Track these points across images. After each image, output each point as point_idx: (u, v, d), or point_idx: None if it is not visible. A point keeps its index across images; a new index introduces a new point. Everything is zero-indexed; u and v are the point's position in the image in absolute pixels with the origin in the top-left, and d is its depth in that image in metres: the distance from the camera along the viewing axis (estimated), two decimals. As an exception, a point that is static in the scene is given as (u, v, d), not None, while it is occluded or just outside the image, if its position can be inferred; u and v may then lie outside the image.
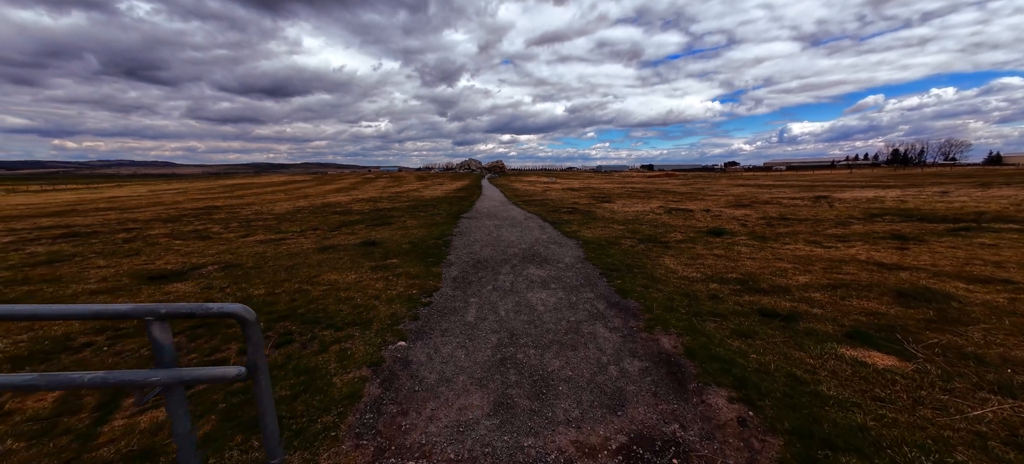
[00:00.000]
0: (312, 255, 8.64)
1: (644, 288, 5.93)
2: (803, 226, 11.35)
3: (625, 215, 15.33)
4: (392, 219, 15.38)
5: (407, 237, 10.96)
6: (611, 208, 18.31)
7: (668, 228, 11.71)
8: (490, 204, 22.22)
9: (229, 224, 14.78)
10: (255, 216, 17.33)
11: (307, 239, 11.06)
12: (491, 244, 9.87)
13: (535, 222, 14.01)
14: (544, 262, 7.85)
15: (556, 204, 20.94)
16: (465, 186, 44.85)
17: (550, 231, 11.88)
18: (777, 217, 13.47)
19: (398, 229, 12.73)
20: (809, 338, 4.10)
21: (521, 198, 26.01)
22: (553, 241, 10.16)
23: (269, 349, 4.12)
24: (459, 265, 7.69)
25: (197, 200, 28.80)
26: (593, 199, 23.82)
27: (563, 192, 31.67)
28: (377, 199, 27.15)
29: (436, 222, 14.31)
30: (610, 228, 12.08)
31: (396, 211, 18.73)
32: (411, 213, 17.66)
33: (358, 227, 13.42)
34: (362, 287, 6.11)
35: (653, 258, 7.80)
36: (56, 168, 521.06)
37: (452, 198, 27.13)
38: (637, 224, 12.77)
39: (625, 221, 13.62)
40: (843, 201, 18.33)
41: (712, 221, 13.02)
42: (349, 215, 17.26)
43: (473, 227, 12.95)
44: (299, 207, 21.71)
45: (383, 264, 7.64)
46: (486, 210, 18.75)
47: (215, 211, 20.08)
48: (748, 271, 6.58)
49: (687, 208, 17.39)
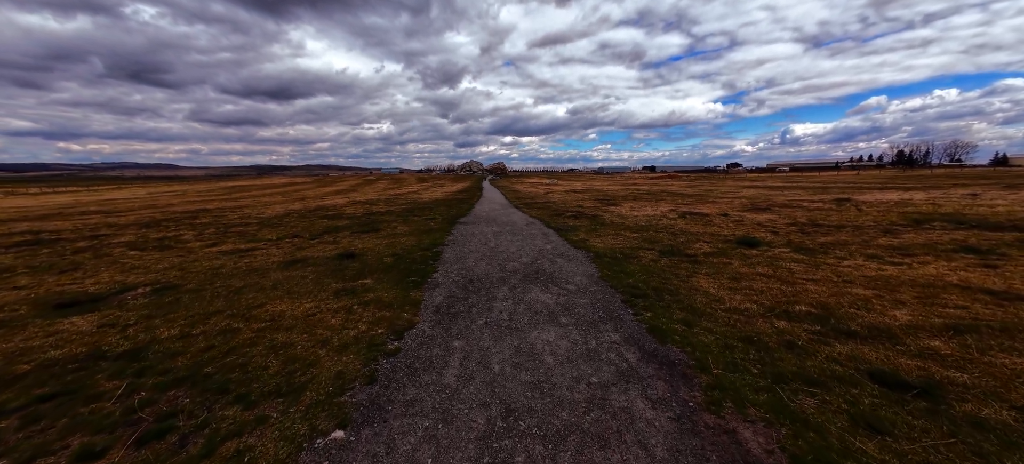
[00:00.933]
0: (273, 272, 7.10)
1: (686, 326, 4.35)
2: (845, 235, 9.74)
3: (636, 220, 13.74)
4: (382, 225, 13.84)
5: (393, 247, 9.42)
6: (619, 212, 16.73)
7: (690, 237, 10.11)
8: (490, 207, 20.66)
9: (205, 231, 13.27)
10: (239, 221, 15.83)
11: (280, 249, 9.53)
12: (488, 256, 8.31)
13: (538, 228, 12.44)
14: (550, 282, 6.29)
15: (559, 207, 19.38)
16: (465, 188, 43.35)
17: (555, 240, 10.31)
18: (808, 223, 11.86)
19: (385, 237, 11.19)
20: (987, 438, 2.52)
21: (523, 201, 24.45)
22: (559, 253, 8.60)
23: (124, 448, 2.57)
24: (446, 286, 6.14)
25: (191, 203, 27.37)
26: (598, 202, 22.24)
27: (566, 194, 30.10)
28: (373, 202, 25.65)
29: (429, 229, 12.76)
30: (622, 236, 10.50)
31: (389, 215, 17.20)
32: (404, 218, 16.12)
33: (342, 234, 11.89)
34: (312, 324, 4.55)
35: (684, 278, 6.22)
36: (61, 170, 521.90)
37: (450, 201, 25.60)
38: (652, 231, 11.18)
39: (637, 228, 12.04)
40: (869, 204, 16.69)
41: (736, 228, 11.42)
42: (338, 220, 15.74)
43: (469, 235, 11.40)
44: (290, 211, 20.22)
45: (353, 286, 6.09)
46: (485, 214, 17.19)
47: (203, 215, 18.61)
48: (817, 300, 4.99)
49: (701, 212, 15.79)
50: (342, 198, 30.33)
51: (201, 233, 12.87)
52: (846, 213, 14.10)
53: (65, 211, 23.39)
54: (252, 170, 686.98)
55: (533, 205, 20.91)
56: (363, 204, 24.06)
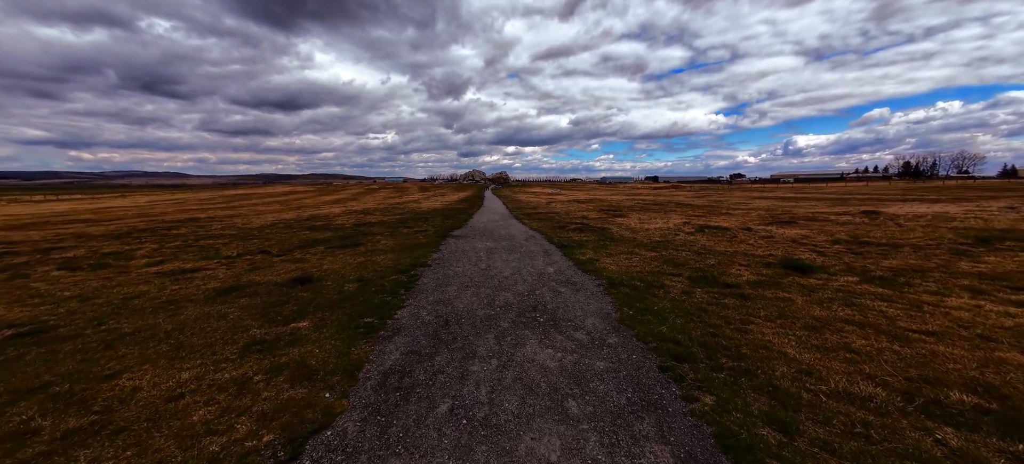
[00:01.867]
0: (190, 307, 5.36)
1: (783, 434, 2.54)
2: (910, 257, 7.88)
3: (648, 235, 11.93)
4: (365, 238, 12.12)
5: (363, 269, 7.66)
6: (627, 224, 14.93)
7: (720, 258, 8.29)
8: (488, 218, 18.93)
9: (168, 245, 11.61)
10: (217, 233, 14.18)
11: (229, 270, 7.81)
12: (475, 283, 6.53)
13: (538, 244, 10.66)
14: (552, 326, 4.50)
15: (562, 218, 17.61)
16: (466, 197, 41.71)
17: (558, 259, 8.52)
18: (852, 240, 10.00)
19: (362, 254, 9.45)
20: None
21: (523, 211, 22.71)
22: (564, 279, 6.80)
23: None
24: (410, 333, 4.36)
25: (185, 212, 25.87)
26: (603, 213, 20.45)
27: (569, 205, 28.34)
28: (369, 211, 24.01)
29: (415, 244, 11.01)
30: (637, 256, 8.69)
31: (379, 227, 15.50)
32: (393, 230, 14.40)
33: (315, 250, 10.17)
34: (162, 421, 2.77)
35: (739, 325, 4.39)
36: (70, 178, 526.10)
37: (449, 210, 23.91)
38: (671, 249, 9.37)
39: (652, 244, 10.23)
40: (904, 218, 14.79)
41: (769, 246, 9.58)
42: (322, 232, 14.05)
43: (459, 251, 9.64)
44: (279, 221, 18.58)
45: (278, 334, 4.33)
46: (482, 226, 15.44)
47: (186, 225, 17.00)
48: (968, 376, 3.15)
49: (719, 225, 13.96)
50: (339, 208, 28.74)
51: (161, 247, 11.22)
52: (885, 228, 12.22)
53: (51, 220, 21.93)
54: (259, 179, 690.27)
55: (534, 216, 19.16)
56: (357, 214, 22.42)
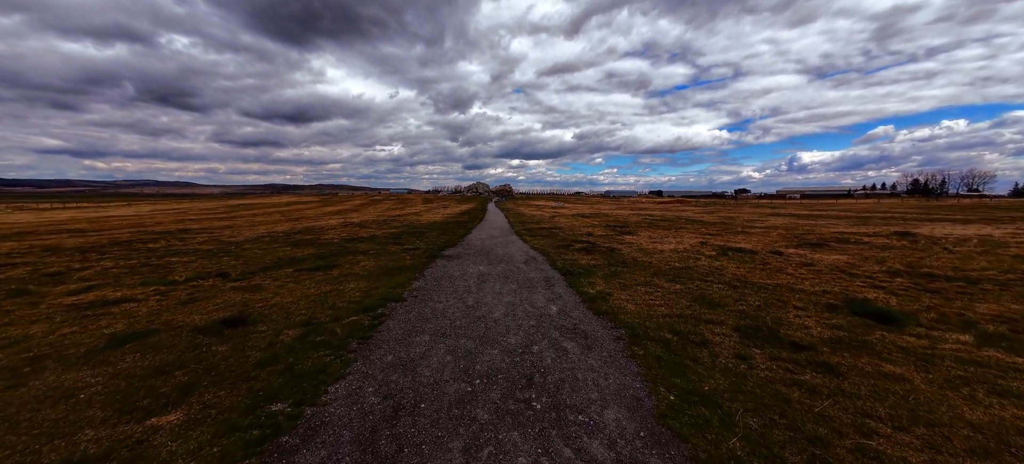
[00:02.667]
0: (52, 371, 3.77)
1: None
2: (1006, 298, 6.17)
3: (665, 258, 10.27)
4: (344, 258, 10.57)
5: (321, 304, 6.08)
6: (638, 244, 13.27)
7: (763, 295, 6.61)
8: (487, 233, 17.35)
9: (125, 262, 10.15)
10: (193, 248, 12.71)
11: (159, 302, 6.27)
12: (455, 329, 4.92)
13: (540, 269, 9.04)
14: (555, 427, 2.86)
15: (567, 235, 16.00)
16: (468, 210, 40.24)
17: (562, 292, 6.88)
18: (911, 271, 8.28)
19: (331, 280, 7.88)
20: None
21: (525, 226, 21.13)
22: (570, 325, 5.16)
23: None
24: (329, 442, 2.76)
25: (180, 222, 24.61)
26: (610, 229, 18.80)
27: (573, 219, 26.73)
28: (366, 223, 22.55)
29: (400, 265, 9.43)
30: (658, 289, 7.03)
31: (368, 242, 13.97)
32: (382, 247, 12.86)
33: (282, 272, 8.63)
34: None
35: (854, 436, 2.74)
36: (83, 187, 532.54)
37: (448, 224, 22.39)
38: (697, 279, 7.70)
39: (672, 271, 8.57)
40: (946, 241, 13.01)
41: (816, 277, 7.87)
42: (304, 248, 12.54)
43: (447, 278, 8.04)
44: (267, 234, 17.15)
45: (113, 447, 2.76)
46: (478, 244, 13.85)
47: (166, 238, 15.60)
48: None
49: (740, 247, 12.26)
50: (337, 219, 27.35)
51: (114, 266, 9.77)
52: (938, 255, 10.46)
53: (40, 229, 20.70)
54: (266, 189, 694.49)
55: (537, 232, 17.54)
56: (353, 226, 20.97)
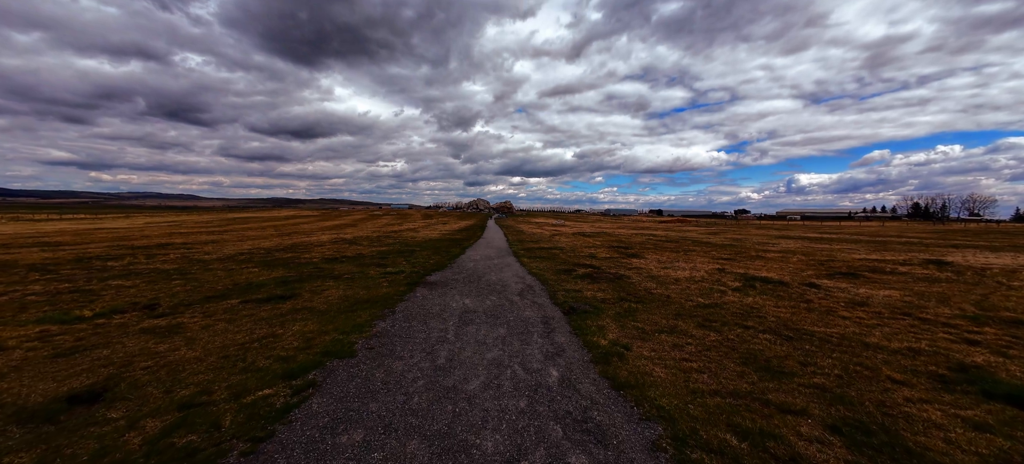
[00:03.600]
0: None
1: None
2: None
3: (682, 290, 8.73)
4: (309, 286, 9.04)
5: (235, 364, 4.54)
6: (648, 270, 11.74)
7: (836, 354, 5.05)
8: (483, 253, 15.85)
9: (57, 284, 8.65)
10: (155, 267, 11.22)
11: (23, 352, 4.76)
12: (405, 422, 3.37)
13: (537, 305, 7.49)
14: None
15: (568, 257, 14.48)
16: (467, 227, 38.79)
17: (564, 344, 5.32)
18: (989, 315, 6.72)
19: (272, 321, 6.32)
20: None
21: (524, 245, 19.63)
22: (578, 411, 3.59)
23: None
24: None
25: (168, 235, 23.17)
26: (614, 250, 17.28)
27: (574, 238, 25.24)
28: (357, 240, 21.07)
29: (370, 297, 7.89)
30: (688, 338, 5.48)
31: (348, 263, 12.47)
32: (361, 270, 11.35)
33: (224, 304, 7.11)
34: None
35: None
36: (87, 198, 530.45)
37: (443, 242, 20.91)
38: (735, 323, 6.16)
39: (698, 311, 7.01)
40: (987, 271, 11.45)
41: (887, 325, 6.31)
42: (273, 270, 11.03)
43: (420, 317, 6.50)
44: (251, 249, 15.70)
45: None
46: (471, 267, 12.32)
47: (137, 253, 14.12)
48: None
49: (767, 277, 10.72)
50: (329, 235, 25.89)
51: (48, 285, 8.28)
52: (1000, 292, 8.89)
53: (15, 242, 19.30)
54: (269, 202, 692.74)
55: (536, 253, 16.02)
56: (343, 243, 19.50)
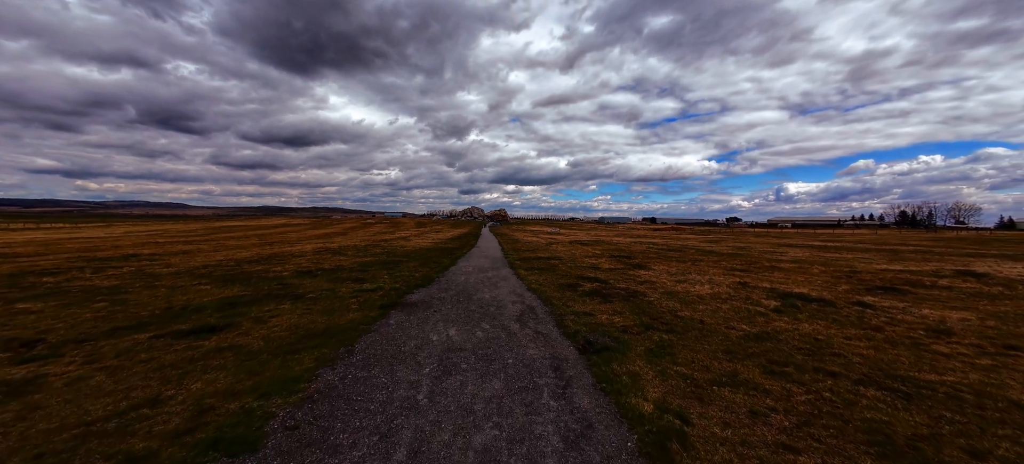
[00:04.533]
0: None
1: None
2: None
3: (713, 311, 7.24)
4: (253, 312, 7.38)
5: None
6: (659, 283, 10.26)
7: (1011, 426, 3.59)
8: (476, 264, 14.28)
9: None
10: (100, 282, 9.50)
11: None
12: None
13: (540, 339, 5.94)
14: None
15: (569, 268, 12.98)
16: (460, 236, 37.16)
17: (591, 414, 3.73)
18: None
19: (172, 369, 4.69)
20: None
21: (520, 255, 18.08)
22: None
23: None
24: None
25: (139, 245, 21.26)
26: (617, 261, 15.82)
27: (572, 247, 23.77)
28: (342, 250, 19.36)
29: (330, 325, 6.29)
30: (763, 397, 3.96)
31: (321, 277, 10.83)
32: (333, 286, 9.73)
33: (133, 339, 5.47)
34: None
35: None
36: (72, 207, 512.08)
37: (433, 252, 19.29)
38: (805, 367, 4.68)
39: (749, 343, 5.53)
40: (1011, 279, 10.16)
41: (998, 367, 4.89)
42: (231, 286, 9.37)
43: (386, 359, 4.92)
44: (223, 261, 13.98)
45: None
46: (462, 281, 10.74)
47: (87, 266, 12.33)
48: None
49: (799, 293, 9.31)
50: (314, 244, 24.10)
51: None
52: (1013, 299, 7.54)
53: None
54: (260, 211, 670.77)
55: (533, 264, 14.48)
56: (327, 253, 17.78)
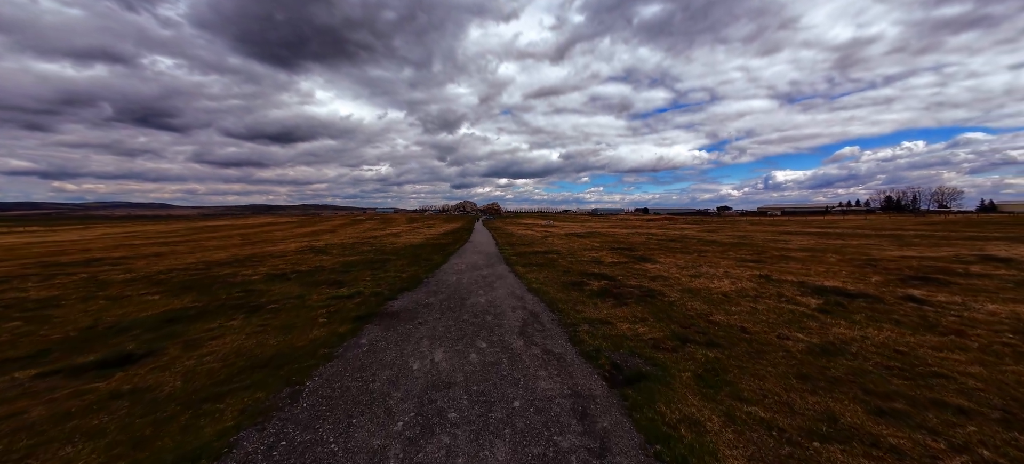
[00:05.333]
0: None
1: None
2: None
3: (751, 314, 6.10)
4: (185, 333, 6.05)
5: None
6: (673, 278, 9.12)
7: None
8: (469, 262, 13.01)
9: None
10: (29, 295, 7.99)
11: None
12: None
13: (551, 361, 4.71)
14: None
15: (569, 263, 11.79)
16: (452, 231, 35.77)
17: None
18: None
19: (31, 433, 3.40)
20: None
21: (516, 250, 16.85)
22: None
23: None
24: None
25: (109, 248, 19.50)
26: (620, 254, 14.69)
27: (569, 239, 22.61)
28: (328, 248, 17.90)
29: (282, 352, 4.97)
30: (888, 462, 2.82)
31: (293, 281, 9.46)
32: (304, 292, 8.38)
33: (15, 374, 4.12)
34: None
35: None
36: (49, 210, 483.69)
37: (424, 248, 17.95)
38: (924, 405, 3.55)
39: (842, 377, 4.36)
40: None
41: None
42: (182, 297, 7.95)
43: (342, 408, 3.62)
44: (195, 264, 12.49)
45: None
46: (453, 281, 9.47)
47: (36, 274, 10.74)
48: None
49: (834, 286, 8.24)
50: (299, 243, 22.53)
51: None
52: None
53: None
54: (247, 210, 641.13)
55: (532, 259, 13.25)
56: (311, 252, 16.32)
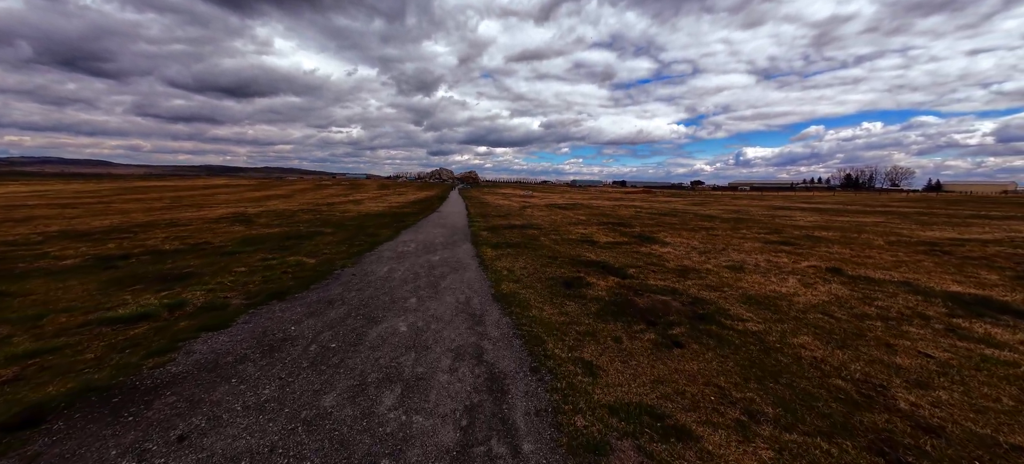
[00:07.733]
0: None
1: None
2: None
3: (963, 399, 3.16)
4: None
5: None
6: (708, 273, 6.16)
7: None
8: (425, 237, 9.63)
9: None
10: None
11: None
12: None
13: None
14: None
15: (556, 244, 8.68)
16: (423, 199, 31.97)
17: None
18: None
19: None
20: None
21: (489, 222, 13.58)
22: None
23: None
24: None
25: (30, 209, 14.83)
26: (614, 231, 11.69)
27: (550, 211, 19.49)
28: (263, 216, 14.05)
29: None
30: None
31: (192, 254, 5.88)
32: (178, 273, 4.83)
33: None
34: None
35: None
36: None
37: (381, 218, 14.41)
38: None
39: None
40: None
41: None
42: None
43: None
44: (70, 232, 8.51)
45: None
46: (383, 271, 6.13)
47: None
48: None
49: (945, 289, 5.45)
50: (229, 209, 18.35)
51: None
52: None
53: None
54: (202, 170, 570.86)
55: (506, 237, 10.01)
56: (236, 222, 12.47)
